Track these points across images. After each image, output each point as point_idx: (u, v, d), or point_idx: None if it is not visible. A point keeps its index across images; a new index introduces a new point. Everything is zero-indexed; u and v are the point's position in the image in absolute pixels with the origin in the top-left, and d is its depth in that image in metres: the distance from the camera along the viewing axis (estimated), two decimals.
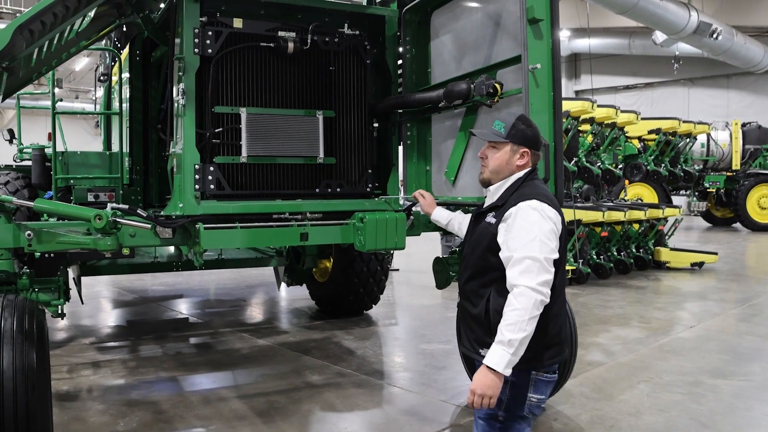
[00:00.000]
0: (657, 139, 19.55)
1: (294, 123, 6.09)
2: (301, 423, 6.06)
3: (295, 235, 5.91)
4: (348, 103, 6.39)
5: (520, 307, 3.29)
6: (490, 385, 3.29)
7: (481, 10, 5.61)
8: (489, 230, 3.67)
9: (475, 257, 3.75)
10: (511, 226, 3.53)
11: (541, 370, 3.57)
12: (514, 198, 3.62)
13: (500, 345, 3.29)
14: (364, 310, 10.53)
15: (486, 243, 3.66)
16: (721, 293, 12.64)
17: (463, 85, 5.35)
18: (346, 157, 6.40)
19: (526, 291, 3.31)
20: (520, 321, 3.26)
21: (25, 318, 4.68)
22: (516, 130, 3.79)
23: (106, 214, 5.31)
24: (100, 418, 6.12)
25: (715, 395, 6.77)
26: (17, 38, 5.02)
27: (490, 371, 3.29)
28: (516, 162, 3.79)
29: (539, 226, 3.47)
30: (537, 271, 3.35)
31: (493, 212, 3.72)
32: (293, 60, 6.09)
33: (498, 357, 3.28)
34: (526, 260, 3.37)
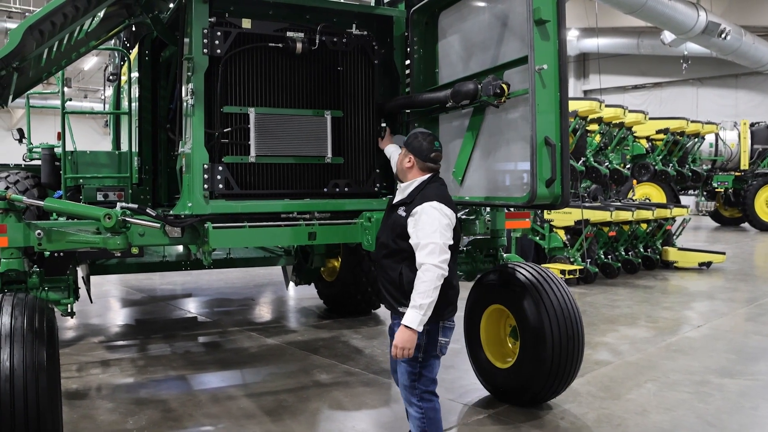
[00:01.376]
0: (665, 138, 19.51)
1: (302, 123, 6.13)
2: (310, 422, 6.08)
3: (303, 234, 5.95)
4: (356, 103, 6.42)
5: (427, 279, 4.34)
6: (408, 339, 4.34)
7: (489, 11, 5.63)
8: (400, 221, 4.66)
9: (389, 240, 4.75)
10: (417, 221, 4.51)
11: (446, 320, 4.68)
12: (420, 198, 4.60)
13: (413, 309, 4.33)
14: (371, 309, 10.54)
15: (398, 231, 4.66)
16: (729, 293, 12.62)
17: (470, 85, 5.37)
18: (354, 157, 6.43)
19: (431, 267, 4.34)
20: (427, 290, 4.32)
21: (36, 317, 4.72)
22: (413, 140, 4.84)
23: (115, 213, 5.35)
24: (109, 416, 6.16)
25: (722, 394, 6.77)
26: (28, 38, 5.05)
27: (408, 329, 4.33)
28: (405, 164, 4.83)
29: (439, 220, 4.47)
30: (438, 252, 4.38)
31: (404, 207, 4.70)
32: (301, 60, 6.11)
33: (412, 318, 4.32)
34: (431, 245, 4.38)
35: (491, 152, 5.58)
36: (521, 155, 5.20)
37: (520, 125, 5.20)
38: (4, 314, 4.64)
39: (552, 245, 13.37)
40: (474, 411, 6.31)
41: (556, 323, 5.94)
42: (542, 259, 13.43)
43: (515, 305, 6.16)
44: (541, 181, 4.76)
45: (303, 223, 5.97)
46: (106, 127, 17.72)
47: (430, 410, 4.74)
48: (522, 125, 5.15)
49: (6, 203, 5.44)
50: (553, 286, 6.14)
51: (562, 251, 13.30)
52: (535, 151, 4.72)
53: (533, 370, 6.02)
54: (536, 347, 5.96)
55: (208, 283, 13.74)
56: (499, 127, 5.48)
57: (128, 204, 5.67)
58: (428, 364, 4.70)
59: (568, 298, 6.15)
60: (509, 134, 5.37)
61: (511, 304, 6.24)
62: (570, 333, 5.99)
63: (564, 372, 6.04)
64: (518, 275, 6.23)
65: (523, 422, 6.04)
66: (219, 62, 5.73)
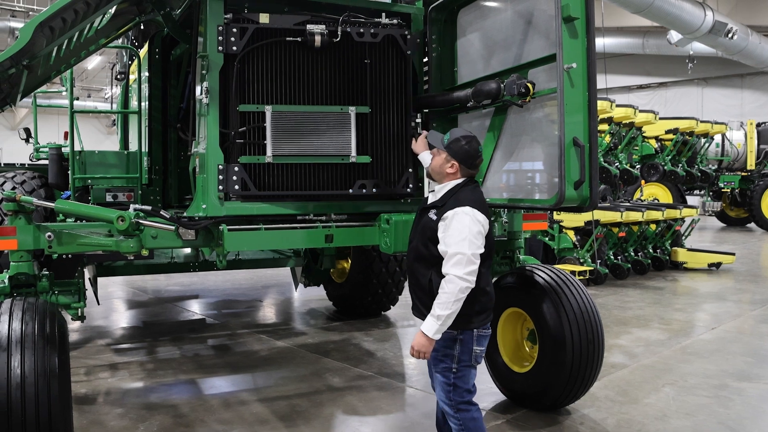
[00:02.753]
0: (674, 139, 19.41)
1: (323, 120, 5.91)
2: (324, 427, 5.99)
3: (320, 236, 5.84)
4: (386, 98, 6.11)
5: (449, 291, 4.21)
6: (423, 344, 4.28)
7: (511, 8, 5.51)
8: (431, 225, 4.49)
9: (420, 245, 4.59)
10: (448, 226, 4.35)
11: (480, 328, 4.51)
12: (452, 202, 4.43)
13: (432, 317, 4.25)
14: (382, 311, 10.44)
15: (429, 235, 4.49)
16: (740, 294, 12.55)
17: (492, 84, 5.25)
18: (384, 156, 6.13)
19: (454, 279, 4.21)
20: (447, 302, 4.20)
21: (47, 322, 4.64)
22: (455, 144, 4.55)
23: (128, 215, 5.25)
24: (119, 422, 6.05)
25: (742, 399, 6.68)
26: (38, 36, 4.97)
27: (424, 335, 4.26)
28: (446, 169, 4.59)
29: (469, 228, 4.29)
30: (464, 263, 4.22)
31: (435, 210, 4.52)
32: (323, 54, 5.89)
33: (429, 326, 4.25)
34: (457, 255, 4.23)
35: (514, 153, 5.47)
36: (546, 156, 5.10)
37: (545, 125, 5.09)
38: (15, 319, 4.56)
39: (562, 246, 13.26)
40: (491, 416, 6.20)
41: (576, 327, 5.84)
42: (551, 260, 13.32)
43: (534, 308, 6.07)
44: (569, 183, 4.64)
45: (320, 225, 5.86)
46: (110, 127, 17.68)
47: (469, 420, 4.56)
48: (547, 125, 5.05)
49: (15, 205, 5.33)
50: (573, 289, 6.04)
51: (572, 252, 13.20)
52: (563, 152, 4.60)
53: (552, 374, 5.92)
54: (556, 351, 5.86)
55: (215, 284, 13.64)
56: (522, 128, 5.37)
57: (142, 206, 5.55)
58: (462, 375, 4.53)
59: (587, 301, 6.05)
60: (533, 135, 5.26)
61: (529, 307, 6.14)
62: (590, 337, 5.89)
63: (584, 376, 5.95)
64: (536, 278, 6.13)
65: (542, 427, 5.95)
66: (235, 59, 5.58)
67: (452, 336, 4.41)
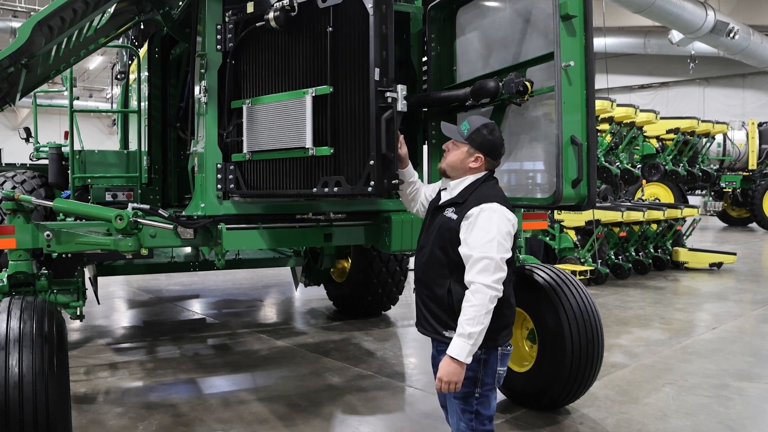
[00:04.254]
0: (675, 138, 19.39)
1: (284, 109, 5.22)
2: (324, 426, 5.98)
3: (318, 235, 5.83)
4: (352, 74, 4.84)
5: (477, 303, 3.65)
6: (454, 372, 3.68)
7: (510, 7, 5.50)
8: (450, 225, 3.93)
9: (434, 249, 4.00)
10: (472, 225, 3.81)
11: (504, 345, 3.98)
12: (476, 198, 3.91)
13: (461, 338, 3.65)
14: (382, 310, 10.44)
15: (448, 237, 3.92)
16: (741, 294, 12.54)
17: (491, 83, 5.23)
18: (350, 146, 4.87)
19: (482, 288, 3.66)
20: (477, 315, 3.64)
21: (45, 320, 4.63)
22: (477, 134, 4.05)
23: (127, 214, 5.24)
24: (118, 421, 6.05)
25: (742, 398, 6.67)
26: (36, 35, 4.96)
27: (454, 361, 3.67)
28: (469, 164, 4.06)
29: (498, 227, 3.77)
30: (493, 270, 3.69)
31: (453, 208, 3.99)
32: (294, 34, 5.21)
33: (460, 348, 3.65)
34: (484, 260, 3.69)
35: (512, 152, 5.46)
36: (544, 155, 5.09)
37: (543, 124, 5.08)
38: (13, 318, 4.55)
39: (562, 246, 13.25)
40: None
41: (576, 326, 5.84)
42: (552, 260, 13.32)
43: (533, 308, 6.07)
44: (566, 182, 4.63)
45: (319, 224, 5.84)
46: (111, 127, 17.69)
47: None
48: (545, 124, 5.04)
49: (14, 204, 5.33)
50: (572, 289, 6.04)
51: (573, 252, 13.19)
52: (560, 150, 4.59)
53: (552, 373, 5.92)
54: (555, 351, 5.86)
55: (215, 284, 13.63)
56: (520, 126, 5.36)
57: (140, 205, 5.55)
58: (485, 400, 3.97)
59: (587, 300, 6.05)
60: (532, 133, 5.25)
61: (528, 307, 6.14)
62: (590, 336, 5.89)
63: (583, 376, 5.95)
64: (536, 277, 6.13)
65: (541, 427, 5.94)
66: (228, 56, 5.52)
67: (475, 357, 3.78)
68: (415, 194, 4.73)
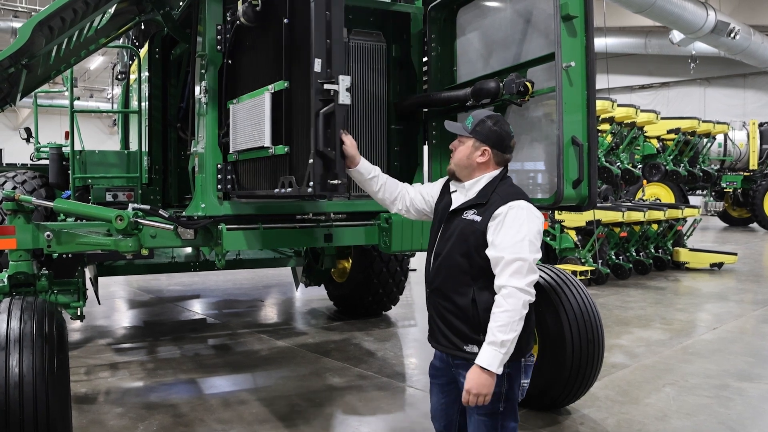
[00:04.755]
0: (676, 138, 19.38)
1: (250, 107, 5.17)
2: (324, 427, 5.97)
3: (319, 236, 5.82)
4: (303, 67, 4.61)
5: (511, 308, 3.39)
6: (485, 384, 3.41)
7: (510, 7, 5.50)
8: (474, 228, 3.64)
9: (456, 256, 3.69)
10: (500, 225, 3.54)
11: (527, 356, 3.74)
12: (500, 196, 3.63)
13: (492, 346, 3.39)
14: (382, 310, 10.44)
15: (473, 241, 3.63)
16: (742, 294, 12.53)
17: (491, 83, 5.23)
18: (300, 145, 4.71)
19: (515, 292, 3.40)
20: (511, 322, 3.37)
21: (45, 321, 4.62)
22: (482, 127, 3.77)
23: (127, 214, 5.24)
24: (119, 421, 6.04)
25: (743, 399, 6.66)
26: (37, 35, 4.96)
27: (484, 371, 3.40)
28: (476, 158, 3.77)
29: (528, 226, 3.52)
30: (526, 272, 3.44)
31: (474, 210, 3.68)
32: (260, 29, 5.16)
33: (491, 357, 3.39)
34: (517, 261, 3.44)
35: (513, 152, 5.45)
36: (545, 155, 5.09)
37: (544, 124, 5.09)
38: (13, 318, 4.55)
39: (563, 246, 13.25)
40: None
41: (576, 327, 5.83)
42: (552, 260, 13.31)
43: (534, 308, 6.04)
44: (567, 182, 4.63)
45: (319, 224, 5.84)
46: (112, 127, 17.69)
47: None
48: (546, 124, 5.04)
49: (15, 204, 5.34)
50: (573, 289, 6.03)
51: (573, 252, 13.18)
52: (561, 151, 4.58)
53: (552, 374, 5.91)
54: (555, 351, 5.85)
55: (216, 284, 13.63)
56: (521, 127, 5.35)
57: (140, 205, 5.55)
58: (511, 413, 3.70)
59: (587, 300, 6.04)
60: (532, 134, 5.25)
61: None
62: (590, 336, 5.88)
63: (584, 376, 5.94)
64: None
65: (541, 427, 5.93)
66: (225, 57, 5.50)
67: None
68: (389, 190, 4.38)
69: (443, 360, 3.89)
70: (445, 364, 3.87)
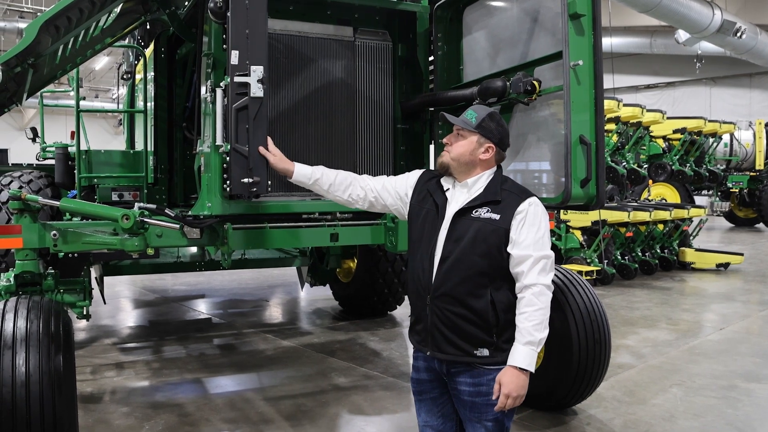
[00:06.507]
0: (682, 138, 19.35)
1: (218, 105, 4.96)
2: (329, 426, 5.96)
3: (325, 235, 5.81)
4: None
5: (544, 306, 3.35)
6: (523, 385, 3.31)
7: (517, 6, 5.49)
8: (495, 226, 3.45)
9: (473, 257, 3.47)
10: (523, 222, 3.43)
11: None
12: (514, 193, 3.53)
13: (530, 345, 3.31)
14: (388, 310, 10.43)
15: (494, 241, 3.45)
16: (748, 294, 12.51)
17: (498, 82, 5.22)
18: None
19: (544, 290, 3.37)
20: (544, 319, 3.34)
21: (51, 320, 4.62)
22: (487, 123, 3.62)
23: (133, 214, 5.23)
24: (125, 420, 6.04)
25: (751, 400, 6.64)
26: (43, 35, 4.96)
27: (523, 372, 3.30)
28: (479, 155, 3.61)
29: (545, 222, 3.49)
30: (549, 269, 3.42)
31: (489, 207, 3.50)
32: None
33: (530, 357, 3.31)
34: (543, 259, 3.39)
35: (519, 151, 5.45)
36: (552, 154, 5.08)
37: (551, 123, 5.07)
38: (20, 318, 4.54)
39: (569, 246, 13.23)
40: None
41: (583, 326, 5.81)
42: (557, 260, 13.25)
43: None
44: (575, 181, 4.62)
45: (325, 224, 5.83)
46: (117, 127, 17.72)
47: None
48: (553, 123, 5.03)
49: (21, 203, 5.33)
50: (579, 289, 6.01)
51: (579, 252, 13.16)
52: (569, 150, 4.58)
53: (559, 374, 5.90)
54: (562, 351, 5.83)
55: (221, 284, 13.64)
56: (528, 126, 5.34)
57: (146, 204, 5.53)
58: (510, 414, 3.57)
59: (594, 300, 6.02)
60: (539, 133, 5.24)
61: None
62: (597, 336, 5.86)
63: (590, 376, 5.92)
64: None
65: (548, 427, 5.92)
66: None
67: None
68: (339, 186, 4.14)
69: (433, 370, 3.67)
70: (435, 375, 3.67)
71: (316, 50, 6.03)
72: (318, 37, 6.06)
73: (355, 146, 6.29)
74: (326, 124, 6.10)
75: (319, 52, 6.03)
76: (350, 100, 6.17)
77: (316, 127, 5.99)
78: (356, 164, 6.26)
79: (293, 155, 5.80)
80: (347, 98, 6.11)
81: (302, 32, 5.98)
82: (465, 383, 3.50)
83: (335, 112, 6.14)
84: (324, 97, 5.99)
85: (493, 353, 3.43)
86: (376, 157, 6.37)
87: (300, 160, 4.86)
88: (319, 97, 5.95)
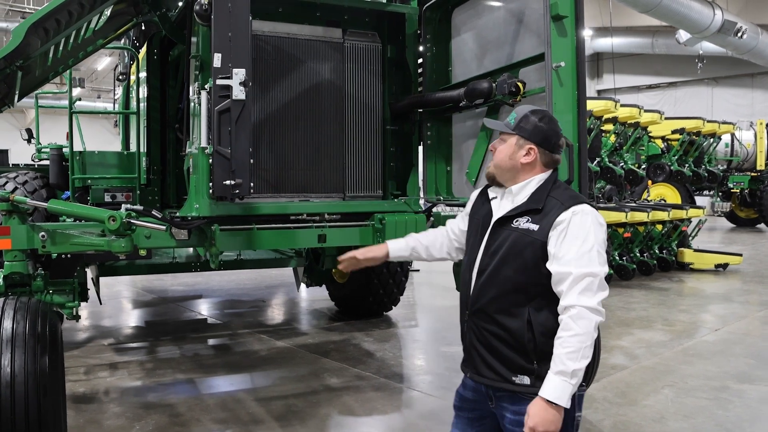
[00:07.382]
0: (681, 139, 19.33)
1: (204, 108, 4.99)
2: (319, 427, 5.97)
3: (312, 237, 5.82)
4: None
5: (582, 332, 2.92)
6: (553, 421, 2.89)
7: (504, 8, 5.51)
8: (531, 238, 3.11)
9: (508, 271, 3.15)
10: (564, 234, 3.05)
11: (582, 385, 3.12)
12: (559, 201, 3.14)
13: (561, 376, 2.89)
14: (383, 311, 10.44)
15: (530, 254, 3.11)
16: (746, 295, 12.48)
17: (484, 83, 5.24)
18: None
19: (585, 313, 2.95)
20: (582, 348, 2.91)
21: (38, 321, 4.62)
22: (526, 122, 3.27)
23: (120, 215, 5.24)
24: (116, 420, 6.06)
25: (742, 401, 6.63)
26: (31, 37, 4.97)
27: (551, 406, 2.89)
28: (520, 158, 3.25)
29: (595, 234, 3.05)
30: (596, 288, 2.99)
31: (528, 217, 3.16)
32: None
33: (561, 389, 2.89)
34: (587, 277, 2.97)
35: None
36: None
37: None
38: (6, 318, 4.55)
39: None
40: None
41: None
42: None
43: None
44: None
45: (313, 225, 5.84)
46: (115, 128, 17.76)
47: None
48: None
49: (9, 205, 5.35)
50: None
51: None
52: None
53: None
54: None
55: (219, 285, 13.66)
56: None
57: (133, 206, 5.55)
58: None
59: None
60: None
61: None
62: None
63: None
64: None
65: None
66: None
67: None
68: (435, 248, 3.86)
69: (479, 392, 3.33)
70: (481, 397, 3.32)
71: (305, 52, 6.06)
72: (307, 39, 6.08)
73: (344, 148, 6.30)
74: (316, 126, 6.12)
75: (309, 53, 6.06)
76: (340, 102, 6.20)
77: (305, 129, 6.01)
78: (345, 166, 6.28)
79: (283, 157, 5.89)
80: (337, 100, 6.13)
81: (291, 34, 6.01)
82: (508, 410, 3.18)
83: (325, 113, 6.16)
84: (313, 99, 6.02)
85: (534, 382, 3.05)
86: (366, 159, 6.39)
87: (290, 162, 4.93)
88: (309, 99, 5.98)
